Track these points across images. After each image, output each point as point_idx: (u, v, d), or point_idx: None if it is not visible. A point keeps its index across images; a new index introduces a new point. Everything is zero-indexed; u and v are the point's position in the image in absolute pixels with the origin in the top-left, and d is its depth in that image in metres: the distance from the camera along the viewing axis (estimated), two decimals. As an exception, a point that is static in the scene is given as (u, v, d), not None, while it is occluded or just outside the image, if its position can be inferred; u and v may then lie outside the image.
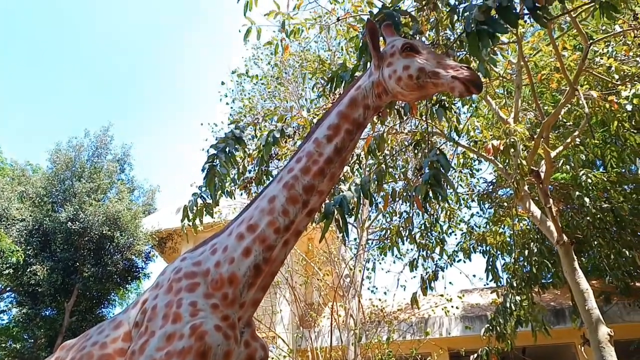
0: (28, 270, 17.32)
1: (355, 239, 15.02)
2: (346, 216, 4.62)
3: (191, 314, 4.28)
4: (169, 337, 4.16)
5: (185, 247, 17.16)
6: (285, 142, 9.24)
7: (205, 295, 4.12)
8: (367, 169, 8.88)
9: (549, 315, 14.28)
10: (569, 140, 8.84)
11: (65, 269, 18.15)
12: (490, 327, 10.00)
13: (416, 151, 7.73)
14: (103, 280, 18.36)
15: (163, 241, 19.45)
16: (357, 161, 7.84)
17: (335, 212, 4.53)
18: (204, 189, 7.00)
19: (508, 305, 9.73)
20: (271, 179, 4.90)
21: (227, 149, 6.30)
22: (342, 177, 7.39)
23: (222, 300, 4.04)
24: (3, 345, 22.51)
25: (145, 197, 23.98)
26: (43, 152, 42.99)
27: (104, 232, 18.14)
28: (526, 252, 11.65)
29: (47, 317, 19.18)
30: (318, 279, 14.35)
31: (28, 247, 17.72)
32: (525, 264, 11.92)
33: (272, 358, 11.38)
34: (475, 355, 10.25)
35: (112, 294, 20.45)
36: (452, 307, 12.88)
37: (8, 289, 20.37)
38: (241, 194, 9.69)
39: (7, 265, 17.31)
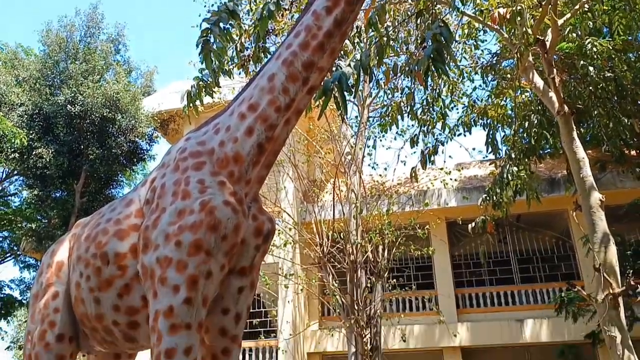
0: (33, 153, 17.58)
1: (356, 117, 15.02)
2: (345, 93, 4.58)
3: (200, 191, 4.45)
4: (180, 213, 4.37)
5: (188, 129, 17.27)
6: (282, 15, 8.86)
7: (212, 173, 4.24)
8: (368, 42, 8.63)
9: (544, 185, 14.75)
10: (577, 7, 8.47)
11: (70, 152, 18.43)
12: (487, 197, 10.38)
13: (419, 22, 7.45)
14: (109, 162, 18.75)
15: (165, 123, 19.50)
16: (357, 34, 7.58)
17: (335, 89, 4.49)
18: (204, 71, 6.88)
19: (505, 175, 10.01)
20: (269, 55, 4.78)
21: (220, 24, 6.07)
22: (342, 53, 7.21)
23: (229, 177, 4.16)
24: (19, 225, 23.63)
25: (143, 78, 23.58)
26: (33, 31, 41.34)
27: (105, 114, 18.13)
28: (526, 123, 11.72)
29: (58, 198, 19.92)
30: (320, 157, 14.62)
31: (30, 131, 17.82)
32: (525, 135, 12.04)
33: (279, 230, 12.00)
34: (473, 223, 10.77)
35: (120, 175, 20.97)
36: (450, 179, 13.27)
37: (16, 172, 20.89)
38: (239, 73, 9.54)
39: (12, 149, 17.55)
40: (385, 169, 14.36)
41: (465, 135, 15.75)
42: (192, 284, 4.15)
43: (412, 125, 13.30)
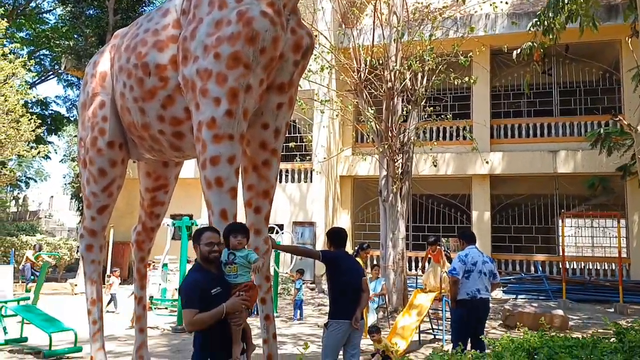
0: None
1: None
2: None
3: (236, 0, 4.27)
4: (217, 24, 4.25)
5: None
6: None
7: (249, -21, 4.01)
8: None
9: (601, 11, 13.57)
10: None
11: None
12: (538, 22, 9.70)
13: None
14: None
15: None
16: None
17: None
18: None
19: (561, -1, 9.21)
20: None
21: None
22: None
23: (267, -16, 3.94)
24: (57, 42, 23.79)
25: None
26: None
27: None
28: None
29: (92, 15, 19.77)
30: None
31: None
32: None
33: (315, 55, 11.69)
34: (519, 50, 10.23)
35: (152, -9, 20.38)
36: (501, 1, 12.27)
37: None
38: None
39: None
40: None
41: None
42: (232, 97, 4.22)
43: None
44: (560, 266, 13.92)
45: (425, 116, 12.86)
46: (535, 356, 1.89)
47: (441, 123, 14.12)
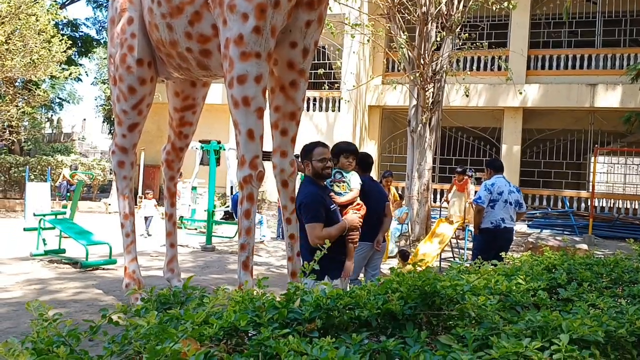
0: None
1: None
2: None
3: None
4: None
5: None
6: None
7: None
8: None
9: None
10: None
11: None
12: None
13: None
14: None
15: None
16: None
17: None
18: None
19: None
20: None
21: None
22: None
23: None
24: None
25: None
26: None
27: None
28: None
29: None
30: None
31: None
32: None
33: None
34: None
35: None
36: None
37: None
38: None
39: None
40: None
41: None
42: (260, 13, 4.12)
43: None
44: (589, 203, 13.75)
45: (460, 44, 12.40)
46: (555, 271, 1.92)
47: (476, 52, 13.63)
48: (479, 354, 1.07)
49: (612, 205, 15.03)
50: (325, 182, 3.80)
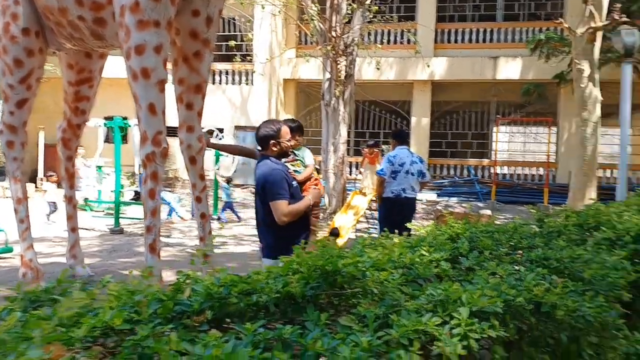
0: None
1: None
2: None
3: None
4: None
5: None
6: None
7: None
8: None
9: None
10: None
11: None
12: None
13: None
14: None
15: None
16: None
17: None
18: None
19: None
20: None
21: None
22: None
23: None
24: None
25: None
26: None
27: None
28: None
29: None
30: None
31: None
32: None
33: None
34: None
35: None
36: None
37: None
38: None
39: None
40: None
41: None
42: (156, -23, 3.83)
43: None
44: (492, 170, 14.59)
45: (370, 16, 12.47)
46: (458, 240, 1.94)
47: (386, 25, 13.78)
48: (379, 334, 1.03)
49: (512, 173, 16.03)
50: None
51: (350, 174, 15.39)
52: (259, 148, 3.64)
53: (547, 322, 1.40)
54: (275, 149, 3.47)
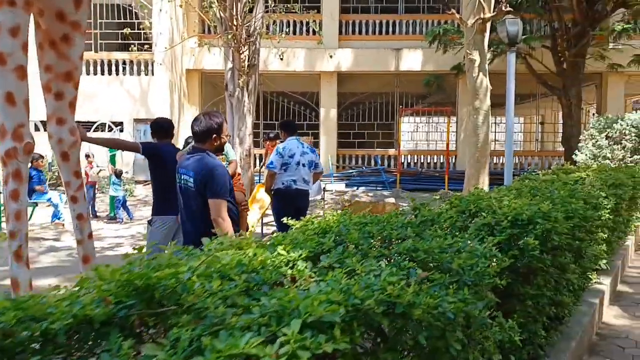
0: None
1: None
2: None
3: None
4: None
5: None
6: None
7: None
8: None
9: None
10: None
11: None
12: None
13: None
14: None
15: None
16: None
17: None
18: None
19: None
20: None
21: None
22: None
23: None
24: None
25: None
26: None
27: None
28: None
29: None
30: None
31: None
32: None
33: None
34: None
35: None
36: None
37: None
38: None
39: None
40: None
41: None
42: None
43: None
44: (397, 160, 14.96)
45: (273, 6, 12.23)
46: (326, 235, 1.79)
47: (289, 16, 13.62)
48: (190, 362, 0.84)
49: (416, 161, 16.54)
50: None
51: (261, 167, 15.14)
52: (195, 141, 3.48)
53: (404, 323, 1.28)
54: (216, 143, 3.36)
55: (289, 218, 2.34)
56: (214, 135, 3.31)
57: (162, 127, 4.68)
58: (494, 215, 2.71)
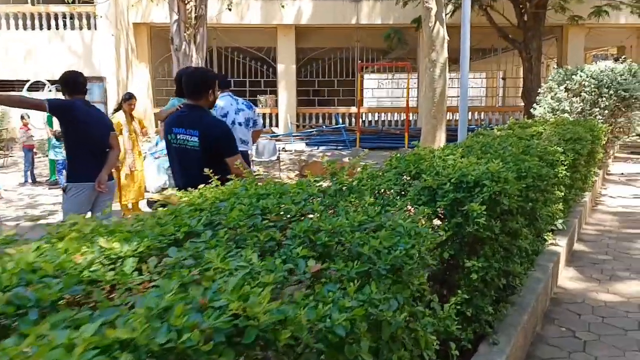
0: None
1: None
2: None
3: None
4: None
5: None
6: None
7: None
8: None
9: None
10: None
11: None
12: None
13: None
14: None
15: None
16: None
17: None
18: None
19: None
20: None
21: None
22: None
23: None
24: None
25: None
26: None
27: None
28: None
29: None
30: None
31: None
32: None
33: None
34: None
35: None
36: None
37: None
38: None
39: None
40: None
41: None
42: None
43: None
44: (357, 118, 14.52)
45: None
46: (198, 214, 1.36)
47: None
48: None
49: (378, 119, 16.14)
50: None
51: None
52: (188, 97, 3.14)
53: (263, 356, 0.87)
54: (210, 99, 3.12)
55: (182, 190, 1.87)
56: (210, 90, 3.08)
57: (70, 81, 4.06)
58: (436, 177, 2.33)
